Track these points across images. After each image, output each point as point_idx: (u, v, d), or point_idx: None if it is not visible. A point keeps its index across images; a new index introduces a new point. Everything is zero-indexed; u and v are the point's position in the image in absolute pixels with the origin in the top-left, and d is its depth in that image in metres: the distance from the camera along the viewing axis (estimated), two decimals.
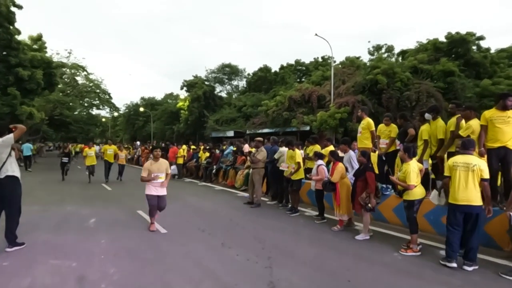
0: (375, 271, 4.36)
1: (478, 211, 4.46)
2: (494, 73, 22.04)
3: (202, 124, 32.82)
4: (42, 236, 5.83)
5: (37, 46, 24.48)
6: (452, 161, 4.62)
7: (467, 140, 4.78)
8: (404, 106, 18.45)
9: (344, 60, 28.83)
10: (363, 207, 5.73)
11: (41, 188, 11.81)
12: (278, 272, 4.27)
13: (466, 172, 4.44)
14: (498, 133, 5.09)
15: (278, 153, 8.65)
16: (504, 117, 5.07)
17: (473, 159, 4.53)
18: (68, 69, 37.93)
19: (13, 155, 5.10)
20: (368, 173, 5.72)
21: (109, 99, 45.85)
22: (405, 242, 5.28)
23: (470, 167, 4.43)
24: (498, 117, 5.10)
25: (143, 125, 49.53)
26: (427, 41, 24.17)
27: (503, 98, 5.09)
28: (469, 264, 4.39)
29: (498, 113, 5.13)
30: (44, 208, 8.19)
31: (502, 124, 5.06)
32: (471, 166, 4.43)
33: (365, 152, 6.11)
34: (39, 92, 24.89)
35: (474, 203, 4.40)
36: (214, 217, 7.55)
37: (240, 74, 43.70)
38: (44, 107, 30.36)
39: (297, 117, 22.02)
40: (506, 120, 5.06)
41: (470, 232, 4.45)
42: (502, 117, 5.07)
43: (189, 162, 16.17)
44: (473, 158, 4.56)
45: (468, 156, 4.55)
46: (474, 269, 4.36)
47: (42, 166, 21.85)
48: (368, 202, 5.66)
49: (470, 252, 4.44)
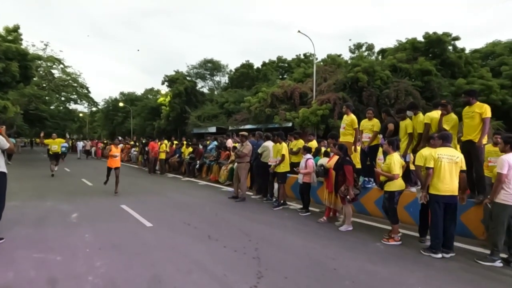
0: (359, 260, 4.51)
1: (457, 200, 4.77)
2: (468, 73, 22.87)
3: (184, 120, 32.49)
4: (22, 231, 5.69)
5: (12, 38, 23.45)
6: (436, 152, 4.74)
7: (446, 134, 5.00)
8: (383, 104, 18.90)
9: (325, 58, 29.26)
10: (343, 199, 5.95)
11: (18, 184, 11.42)
12: (266, 262, 4.34)
13: (450, 164, 4.66)
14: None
15: (262, 147, 8.73)
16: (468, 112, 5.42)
17: (456, 152, 4.83)
18: (44, 62, 36.57)
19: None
20: (346, 166, 5.93)
21: (87, 93, 44.54)
22: (386, 233, 5.48)
23: (454, 159, 4.67)
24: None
25: (123, 121, 48.55)
26: (406, 40, 24.79)
27: None
28: (446, 251, 4.63)
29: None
30: (23, 204, 7.96)
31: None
32: (455, 158, 4.68)
33: (342, 145, 6.30)
34: (14, 85, 23.91)
35: (456, 193, 4.69)
36: (199, 211, 7.55)
37: (222, 70, 43.51)
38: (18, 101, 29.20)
39: (279, 113, 22.16)
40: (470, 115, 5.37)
41: (450, 221, 4.68)
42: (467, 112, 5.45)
43: (171, 158, 16.03)
44: (455, 151, 4.86)
45: (450, 149, 4.80)
46: (451, 256, 4.61)
47: (18, 162, 21.06)
48: (347, 193, 5.85)
49: (449, 240, 4.68)
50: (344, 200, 6.01)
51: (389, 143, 5.46)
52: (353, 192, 5.89)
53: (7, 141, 5.10)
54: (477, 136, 5.28)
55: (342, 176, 5.98)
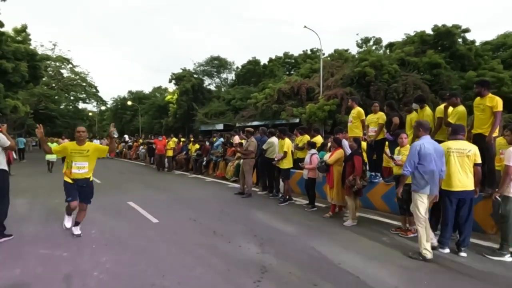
0: (364, 255, 4.46)
1: (472, 196, 4.52)
2: (479, 65, 22.49)
3: (191, 118, 32.64)
4: (31, 227, 5.78)
5: (21, 38, 23.75)
6: (446, 146, 4.61)
7: (456, 126, 4.84)
8: (391, 98, 18.67)
9: (332, 53, 29.02)
10: (350, 188, 5.89)
11: (28, 181, 11.61)
12: (270, 258, 4.33)
13: (461, 158, 4.47)
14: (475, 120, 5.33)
15: (267, 143, 8.69)
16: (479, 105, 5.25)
17: (467, 145, 4.58)
18: (53, 62, 37.04)
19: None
20: (356, 156, 5.90)
21: (95, 92, 45.01)
22: (393, 227, 5.42)
23: (465, 153, 4.46)
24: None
25: (131, 119, 49.01)
26: (414, 33, 24.45)
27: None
28: (463, 250, 4.42)
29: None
30: (32, 201, 8.09)
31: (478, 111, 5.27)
32: (466, 151, 4.47)
33: (357, 138, 6.41)
34: (23, 85, 24.24)
35: (469, 188, 4.46)
36: (205, 207, 7.56)
37: (229, 67, 43.47)
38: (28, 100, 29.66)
39: (286, 109, 22.11)
40: (481, 108, 5.21)
41: (465, 217, 4.48)
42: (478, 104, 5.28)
43: (179, 155, 16.09)
44: (466, 144, 4.61)
45: (461, 142, 4.59)
46: (467, 255, 4.39)
47: (29, 161, 21.41)
48: (354, 183, 5.79)
49: (467, 237, 4.46)
50: (349, 191, 5.95)
51: (398, 136, 5.41)
52: (361, 183, 5.85)
53: (7, 139, 5.13)
54: (487, 130, 5.13)
55: (350, 167, 5.94)
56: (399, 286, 3.55)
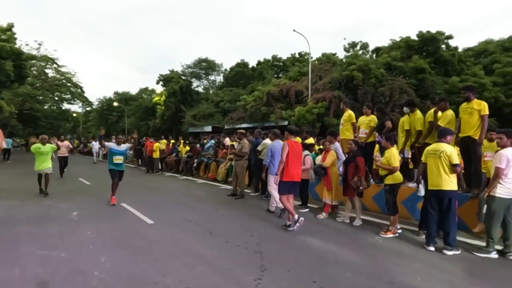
0: (359, 253, 4.62)
1: (450, 195, 4.67)
2: (462, 71, 23.18)
3: (179, 119, 32.47)
4: (24, 229, 5.71)
5: (6, 37, 23.22)
6: (426, 149, 5.01)
7: (441, 130, 5.14)
8: (378, 102, 19.09)
9: (320, 57, 29.37)
10: (355, 190, 6.05)
11: (14, 183, 11.38)
12: (268, 256, 4.43)
13: (435, 159, 4.77)
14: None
15: (262, 145, 8.79)
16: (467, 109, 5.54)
17: (441, 146, 4.79)
18: (38, 62, 36.30)
19: None
20: (358, 158, 6.08)
21: (81, 93, 44.26)
22: (385, 227, 5.61)
23: (438, 154, 4.74)
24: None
25: (117, 121, 48.29)
26: (400, 39, 25.03)
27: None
28: (448, 248, 4.58)
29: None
30: (22, 202, 7.96)
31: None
32: (438, 153, 4.75)
33: (356, 140, 6.52)
34: (8, 85, 23.69)
35: (444, 187, 4.66)
36: (199, 208, 7.61)
37: (217, 69, 43.54)
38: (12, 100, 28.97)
39: (275, 112, 22.27)
40: (469, 111, 5.49)
41: (444, 216, 4.71)
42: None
43: (169, 156, 16.03)
44: (442, 145, 4.80)
45: (438, 144, 4.87)
46: (454, 254, 4.55)
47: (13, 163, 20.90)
48: (360, 184, 5.97)
49: (447, 236, 4.65)
50: (354, 193, 6.11)
51: (387, 139, 5.62)
52: (366, 183, 6.05)
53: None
54: (476, 133, 5.39)
55: (353, 168, 6.09)
56: (394, 282, 3.70)
